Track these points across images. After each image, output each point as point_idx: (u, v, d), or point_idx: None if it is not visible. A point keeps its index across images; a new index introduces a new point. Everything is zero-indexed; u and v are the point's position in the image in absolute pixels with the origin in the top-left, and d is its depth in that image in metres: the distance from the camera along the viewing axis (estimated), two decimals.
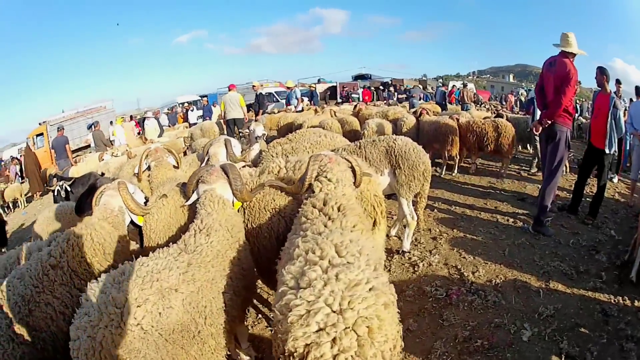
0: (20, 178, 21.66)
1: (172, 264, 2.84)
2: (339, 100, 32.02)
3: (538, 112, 7.99)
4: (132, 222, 4.11)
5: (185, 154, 11.97)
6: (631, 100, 11.06)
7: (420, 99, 22.06)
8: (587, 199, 7.76)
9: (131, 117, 24.44)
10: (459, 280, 5.42)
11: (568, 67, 6.21)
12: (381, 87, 32.77)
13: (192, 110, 25.43)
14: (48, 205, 8.06)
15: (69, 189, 7.98)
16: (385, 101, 25.52)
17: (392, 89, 31.84)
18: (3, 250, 8.91)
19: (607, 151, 7.23)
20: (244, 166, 5.38)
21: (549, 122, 6.46)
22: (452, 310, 4.77)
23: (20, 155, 20.85)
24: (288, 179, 4.11)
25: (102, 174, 9.09)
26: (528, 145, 12.97)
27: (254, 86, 16.97)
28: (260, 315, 4.98)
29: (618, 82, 8.31)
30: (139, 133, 19.22)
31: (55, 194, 8.06)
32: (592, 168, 7.72)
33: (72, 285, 3.35)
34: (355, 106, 15.28)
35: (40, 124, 29.12)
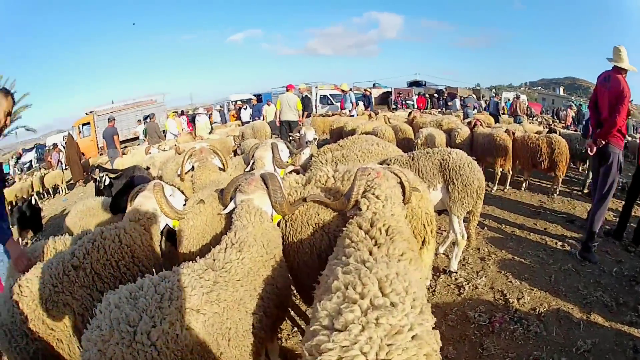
0: (62, 165, 22.03)
1: (196, 282, 2.63)
2: (394, 106, 31.84)
3: None
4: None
5: (235, 152, 11.92)
6: None
7: (474, 109, 21.68)
8: (632, 224, 7.46)
9: (182, 112, 24.60)
10: (504, 307, 5.23)
11: (622, 85, 5.98)
12: (435, 95, 32.58)
13: (245, 109, 25.50)
14: (89, 195, 8.00)
15: (108, 180, 7.99)
16: (440, 109, 25.39)
17: (446, 96, 31.71)
18: (38, 235, 9.01)
19: None
20: (291, 171, 5.23)
21: (603, 142, 6.23)
22: (493, 339, 4.61)
23: (65, 143, 21.11)
24: (335, 189, 3.89)
25: (147, 168, 9.11)
26: (579, 163, 12.68)
27: (299, 89, 16.82)
28: (295, 328, 4.81)
29: None
30: (190, 131, 19.28)
31: (97, 184, 8.06)
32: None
33: (94, 288, 3.27)
34: (410, 113, 15.17)
35: (87, 113, 29.82)
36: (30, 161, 32.75)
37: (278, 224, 3.60)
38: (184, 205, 4.25)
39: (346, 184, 3.86)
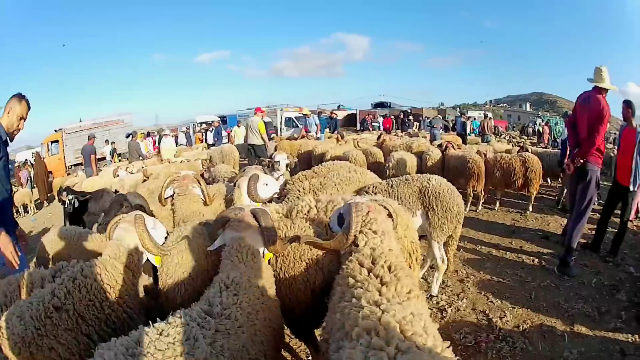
0: (31, 183, 21.84)
1: (197, 332, 2.40)
2: (359, 128, 31.98)
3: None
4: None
5: (202, 176, 11.78)
6: None
7: (440, 130, 21.77)
8: (608, 235, 7.69)
9: (148, 133, 24.37)
10: (487, 327, 5.27)
11: (602, 105, 6.13)
12: (401, 116, 32.74)
13: (211, 131, 25.27)
14: (57, 216, 7.75)
15: (77, 203, 7.84)
16: (404, 131, 25.50)
17: (411, 117, 31.96)
18: None
19: (631, 188, 7.08)
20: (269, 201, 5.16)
21: (582, 161, 6.37)
22: (480, 359, 4.65)
23: (34, 160, 20.87)
24: (319, 220, 3.86)
25: (116, 191, 8.94)
26: (549, 179, 12.99)
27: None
28: None
29: (628, 104, 7.70)
30: (158, 151, 19.15)
31: (65, 206, 7.99)
32: (616, 205, 7.57)
33: (79, 331, 2.97)
34: (379, 136, 15.16)
35: (56, 130, 29.46)
36: None
37: (269, 261, 3.46)
38: (166, 237, 3.95)
39: (330, 214, 3.86)
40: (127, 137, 21.77)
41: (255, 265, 3.11)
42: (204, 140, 25.59)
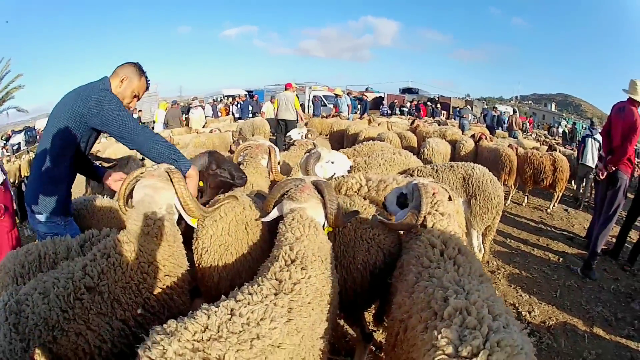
0: None
1: (273, 311, 2.13)
2: (385, 112, 31.78)
3: (590, 151, 9.48)
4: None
5: (230, 150, 11.66)
6: None
7: (469, 120, 21.71)
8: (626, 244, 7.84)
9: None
10: (516, 320, 5.27)
11: (635, 116, 6.38)
12: (429, 103, 32.65)
13: (236, 105, 25.28)
14: (78, 182, 7.78)
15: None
16: (432, 118, 25.39)
17: (439, 106, 31.90)
18: (25, 224, 8.69)
19: None
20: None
21: (614, 168, 6.52)
22: None
23: None
24: (371, 199, 3.82)
25: (143, 159, 8.91)
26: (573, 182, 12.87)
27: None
28: None
29: None
30: (187, 122, 19.18)
31: None
32: (639, 214, 7.66)
33: (114, 316, 2.56)
34: (412, 122, 15.11)
35: None
36: (19, 143, 32.03)
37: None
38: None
39: (381, 194, 3.84)
40: (173, 104, 21.66)
41: (318, 239, 2.79)
42: (229, 113, 25.57)
